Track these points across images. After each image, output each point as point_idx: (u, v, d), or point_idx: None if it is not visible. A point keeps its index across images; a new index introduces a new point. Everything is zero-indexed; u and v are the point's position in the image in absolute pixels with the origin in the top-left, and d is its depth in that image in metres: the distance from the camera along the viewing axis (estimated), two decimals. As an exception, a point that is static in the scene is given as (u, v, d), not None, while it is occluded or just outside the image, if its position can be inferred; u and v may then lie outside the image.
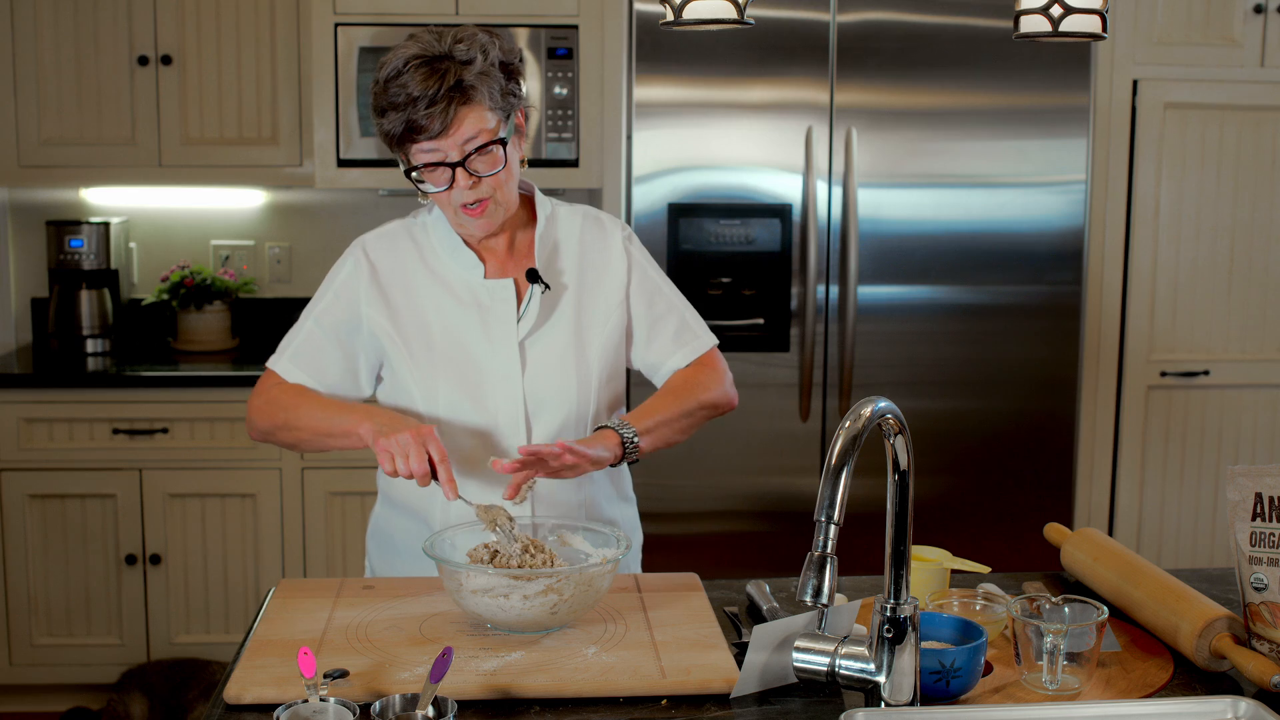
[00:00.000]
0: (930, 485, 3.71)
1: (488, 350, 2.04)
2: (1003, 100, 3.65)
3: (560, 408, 2.05)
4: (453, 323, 2.05)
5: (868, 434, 1.47)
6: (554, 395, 2.05)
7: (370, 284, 2.07)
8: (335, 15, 3.67)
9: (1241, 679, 1.67)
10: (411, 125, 1.91)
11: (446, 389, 2.04)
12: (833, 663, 1.56)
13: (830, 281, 3.65)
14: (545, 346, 2.06)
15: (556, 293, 2.08)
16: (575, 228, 2.13)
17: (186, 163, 3.85)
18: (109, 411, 3.64)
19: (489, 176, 1.96)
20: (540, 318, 2.06)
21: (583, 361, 2.07)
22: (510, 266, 2.09)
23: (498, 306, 2.05)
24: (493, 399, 2.04)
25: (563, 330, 2.07)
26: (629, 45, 3.60)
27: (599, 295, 2.10)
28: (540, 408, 2.05)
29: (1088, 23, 1.80)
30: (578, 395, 2.06)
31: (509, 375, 2.04)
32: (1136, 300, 3.87)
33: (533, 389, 2.04)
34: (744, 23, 1.75)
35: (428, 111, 1.90)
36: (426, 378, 2.04)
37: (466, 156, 1.94)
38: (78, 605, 3.72)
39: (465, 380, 2.04)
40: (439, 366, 2.04)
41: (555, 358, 2.06)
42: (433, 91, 1.89)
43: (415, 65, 1.91)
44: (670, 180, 3.60)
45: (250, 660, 1.67)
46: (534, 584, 1.70)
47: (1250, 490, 1.68)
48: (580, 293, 2.10)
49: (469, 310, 2.05)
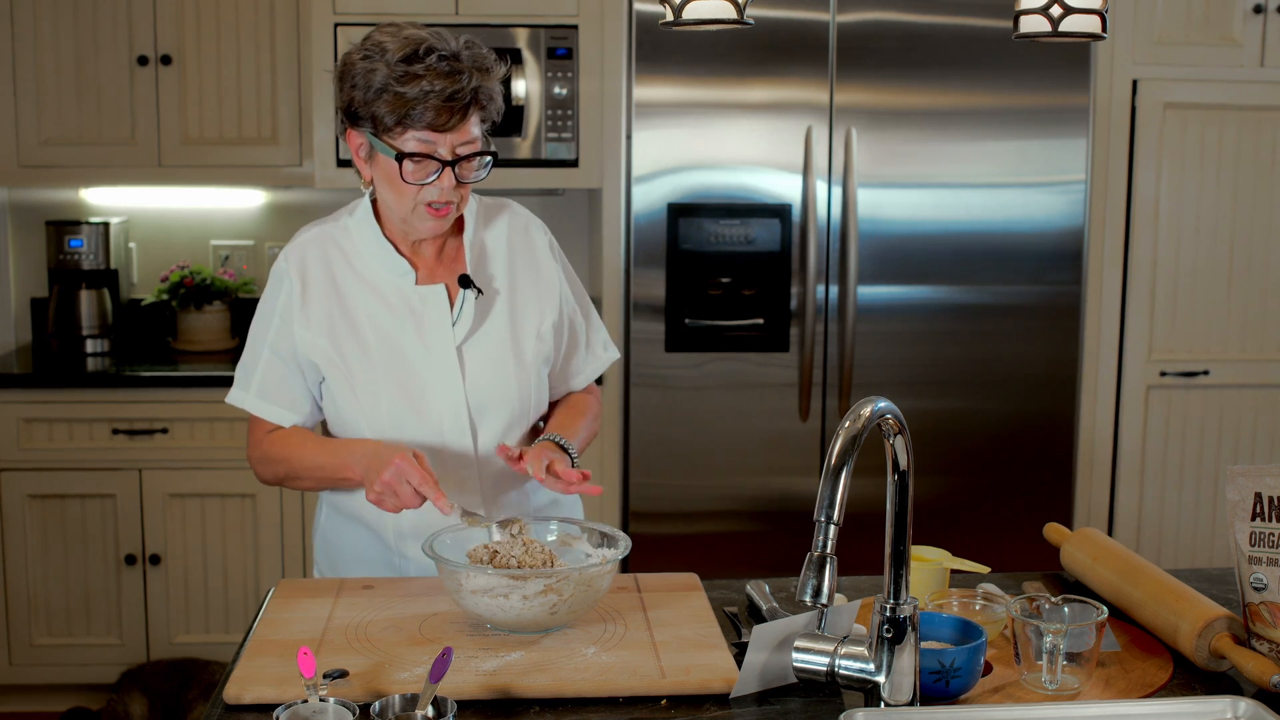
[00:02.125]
0: (930, 485, 3.71)
1: (425, 358, 2.02)
2: (1003, 100, 3.65)
3: (503, 409, 2.05)
4: (388, 331, 2.02)
5: (867, 434, 1.47)
6: (495, 397, 2.04)
7: (301, 303, 2.03)
8: (335, 15, 3.67)
9: (1241, 679, 1.67)
10: (417, 111, 1.88)
11: (388, 401, 2.01)
12: (832, 663, 1.56)
13: (830, 281, 3.65)
14: (482, 350, 2.05)
15: (489, 296, 2.07)
16: (502, 229, 2.12)
17: (186, 163, 3.85)
18: (109, 411, 3.64)
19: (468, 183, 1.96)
20: (475, 321, 2.05)
21: (520, 362, 2.07)
22: (440, 271, 2.07)
23: (431, 312, 2.03)
24: (435, 406, 2.02)
25: (498, 332, 2.06)
26: (629, 45, 3.60)
27: (531, 295, 2.10)
28: (483, 411, 2.04)
29: (1087, 23, 1.80)
30: (518, 396, 2.06)
31: (449, 381, 2.02)
32: (1136, 300, 3.87)
33: (474, 393, 2.03)
34: (744, 23, 1.75)
35: (441, 105, 1.88)
36: (367, 392, 2.01)
37: (458, 160, 1.93)
38: (77, 605, 3.72)
39: (406, 390, 2.02)
40: (378, 378, 2.01)
41: (493, 360, 2.05)
42: (452, 91, 1.88)
43: (437, 56, 1.89)
44: (670, 180, 3.60)
45: (250, 660, 1.67)
46: (533, 584, 1.70)
47: (1250, 490, 1.68)
48: (512, 294, 2.09)
49: (403, 318, 2.03)
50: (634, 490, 3.66)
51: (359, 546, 2.10)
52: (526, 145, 3.71)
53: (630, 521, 3.67)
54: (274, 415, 2.07)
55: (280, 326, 2.04)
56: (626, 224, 3.66)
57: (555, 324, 2.12)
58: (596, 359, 2.22)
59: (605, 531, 1.90)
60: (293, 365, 2.05)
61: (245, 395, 2.09)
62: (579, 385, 2.22)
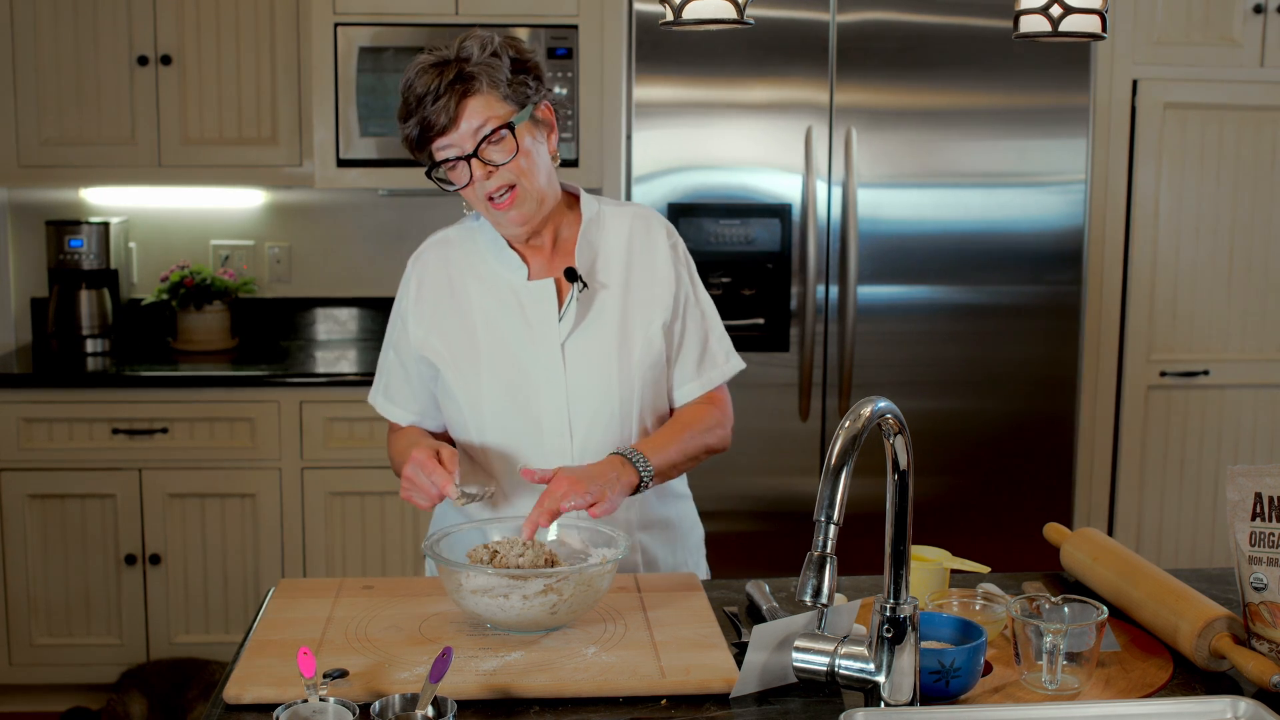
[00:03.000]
0: (930, 485, 3.71)
1: (530, 353, 2.03)
2: (1003, 100, 3.65)
3: (603, 407, 2.03)
4: (497, 326, 2.05)
5: (867, 434, 1.47)
6: (595, 396, 2.03)
7: (416, 302, 2.09)
8: (335, 15, 3.67)
9: (1241, 679, 1.67)
10: (424, 124, 1.94)
11: (491, 396, 2.03)
12: (832, 663, 1.56)
13: (830, 281, 3.65)
14: (587, 346, 2.04)
15: (600, 292, 2.06)
16: (624, 227, 2.11)
17: (186, 163, 3.85)
18: (109, 411, 3.64)
19: (505, 164, 1.96)
20: (581, 318, 2.04)
21: (625, 362, 2.04)
22: (554, 268, 2.08)
23: (539, 307, 2.04)
24: (536, 401, 2.03)
25: (605, 330, 2.05)
26: (629, 45, 3.60)
27: (645, 295, 2.08)
28: (582, 408, 2.03)
29: (1087, 23, 1.80)
30: (619, 396, 2.04)
31: (552, 377, 2.03)
32: (1136, 300, 3.87)
33: (575, 390, 2.03)
34: (744, 23, 1.75)
35: (434, 107, 1.92)
36: (472, 386, 2.04)
37: (479, 146, 1.94)
38: (77, 605, 3.72)
39: (509, 384, 2.03)
40: (483, 372, 2.03)
41: (597, 358, 2.04)
42: (435, 86, 1.92)
43: (423, 69, 1.95)
44: (670, 180, 3.60)
45: (250, 660, 1.67)
46: (533, 584, 1.70)
47: (1250, 490, 1.68)
48: (626, 292, 2.07)
49: (512, 313, 2.05)
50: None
51: None
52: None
53: (630, 521, 3.66)
54: (394, 415, 2.16)
55: (400, 328, 2.11)
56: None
57: (665, 324, 2.08)
58: (717, 367, 2.15)
59: (605, 531, 1.90)
60: (411, 366, 2.10)
61: (376, 395, 2.19)
62: (695, 393, 2.14)
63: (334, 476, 3.68)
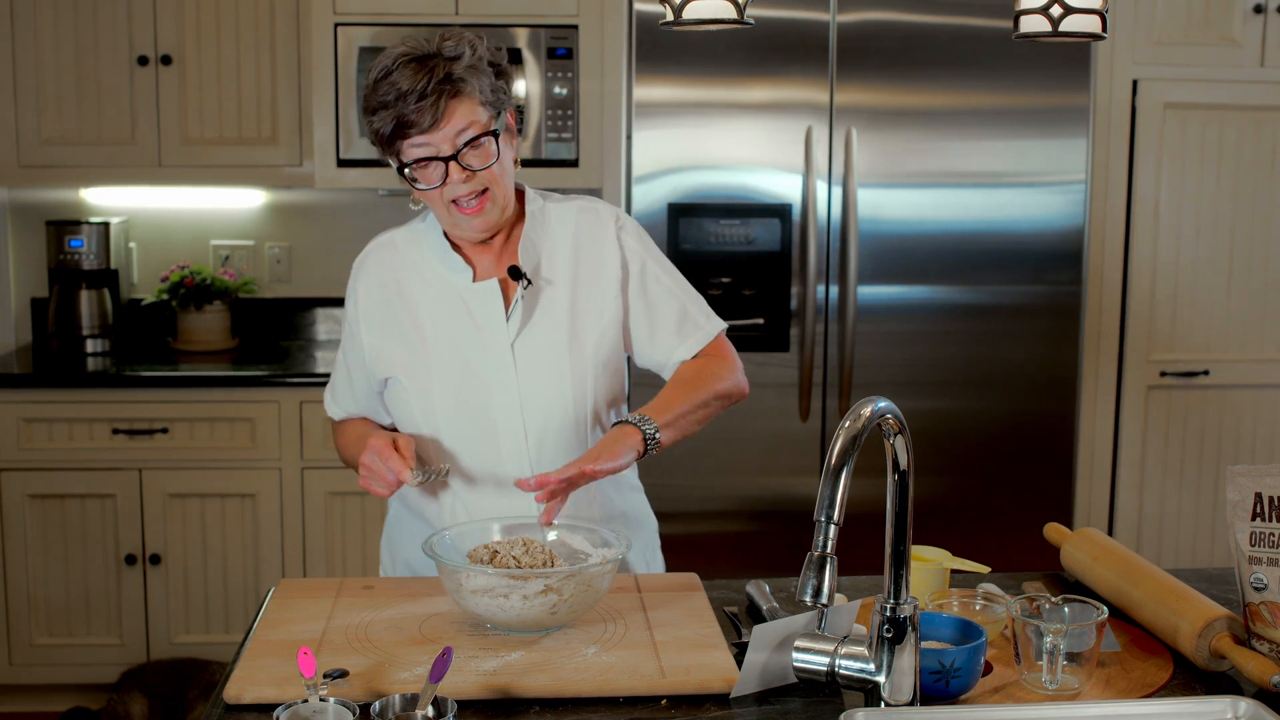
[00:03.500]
0: (930, 485, 3.71)
1: (480, 355, 2.03)
2: (1003, 100, 3.65)
3: (556, 406, 2.03)
4: (445, 330, 2.04)
5: (867, 434, 1.47)
6: (549, 394, 2.03)
7: (365, 309, 2.09)
8: (335, 15, 3.67)
9: (1241, 679, 1.67)
10: (402, 121, 1.91)
11: (443, 399, 2.03)
12: (832, 663, 1.56)
13: (830, 281, 3.65)
14: (536, 345, 2.03)
15: (546, 289, 2.05)
16: (569, 222, 2.10)
17: (186, 163, 3.85)
18: (109, 411, 3.64)
19: (483, 170, 1.95)
20: (529, 316, 2.04)
21: (577, 358, 2.04)
22: (500, 267, 2.07)
23: (485, 309, 2.03)
24: (489, 403, 2.02)
25: (555, 327, 2.04)
26: (629, 45, 3.60)
27: (594, 289, 2.07)
28: (535, 407, 2.03)
29: (1088, 23, 1.80)
30: (573, 392, 2.04)
31: (503, 378, 2.02)
32: (1136, 300, 3.87)
33: (527, 389, 2.02)
34: (744, 23, 1.75)
35: (418, 105, 1.89)
36: (424, 391, 2.04)
37: (459, 150, 1.93)
38: (77, 605, 3.72)
39: (461, 387, 2.03)
40: (435, 377, 2.03)
41: (547, 356, 2.03)
42: (422, 85, 1.89)
43: (404, 62, 1.92)
44: (670, 180, 3.60)
45: (250, 660, 1.67)
46: (533, 584, 1.70)
47: (1250, 490, 1.68)
48: (575, 287, 2.06)
49: (460, 316, 2.04)
50: (634, 490, 3.66)
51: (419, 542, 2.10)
52: (527, 145, 3.71)
53: (630, 521, 3.67)
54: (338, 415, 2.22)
55: (351, 336, 2.13)
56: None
57: (618, 316, 2.07)
58: (700, 329, 2.11)
59: (605, 531, 1.90)
60: (357, 373, 2.12)
61: (327, 395, 2.24)
62: (684, 355, 2.10)
63: (334, 476, 3.68)
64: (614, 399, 2.12)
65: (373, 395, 2.14)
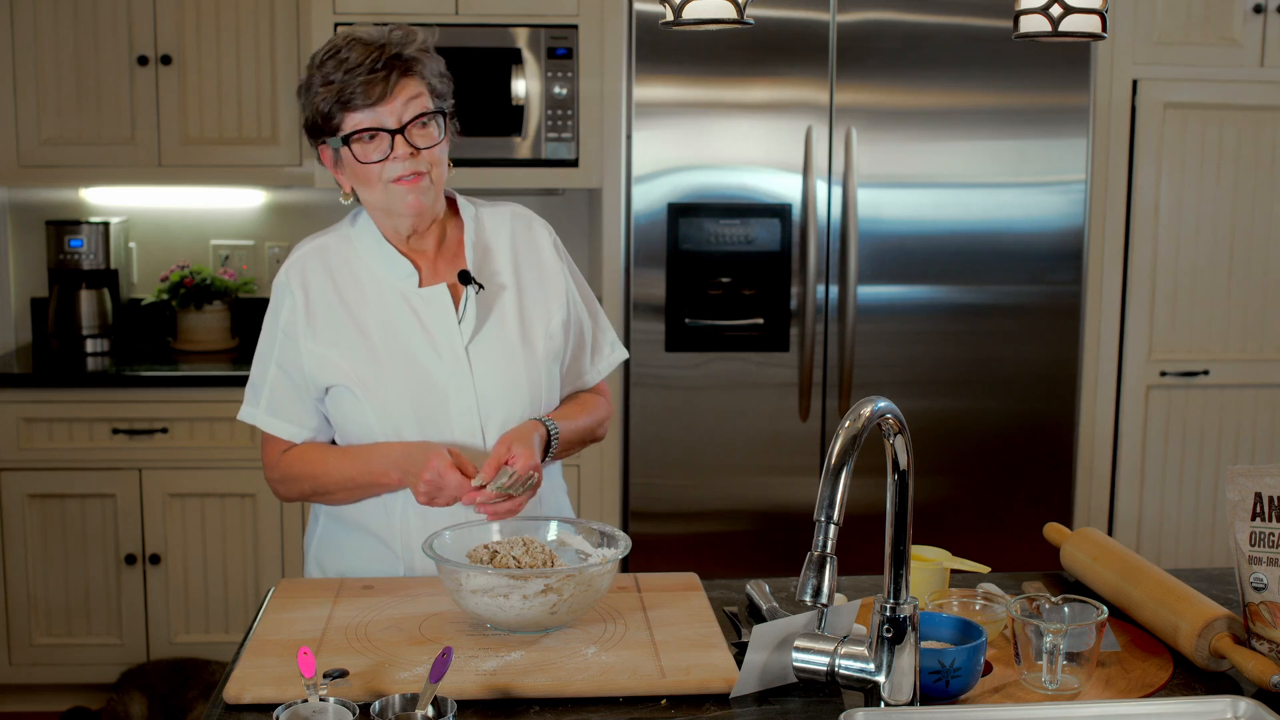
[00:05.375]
0: (930, 485, 3.71)
1: (435, 360, 2.01)
2: (1003, 100, 3.65)
3: (513, 408, 2.03)
4: (396, 336, 2.01)
5: (867, 434, 1.47)
6: (505, 396, 2.02)
7: (305, 318, 2.02)
8: (335, 15, 3.67)
9: (1241, 679, 1.67)
10: (347, 93, 1.91)
11: (399, 405, 1.99)
12: (832, 663, 1.56)
13: (830, 281, 3.65)
14: (490, 348, 2.03)
15: (495, 293, 2.06)
16: (505, 227, 2.12)
17: (186, 163, 3.85)
18: (109, 411, 3.64)
19: (426, 149, 1.95)
20: (481, 320, 2.04)
21: (531, 359, 2.05)
22: (443, 271, 2.06)
23: (436, 313, 2.02)
24: (446, 408, 2.01)
25: (507, 330, 2.05)
26: (629, 45, 3.60)
27: (538, 293, 2.09)
28: (493, 410, 2.02)
29: (1087, 23, 1.80)
30: (529, 394, 2.04)
31: (459, 382, 2.01)
32: (1136, 300, 3.87)
33: (484, 392, 2.02)
34: (744, 23, 1.75)
35: (368, 78, 1.91)
36: (378, 398, 1.99)
37: (406, 126, 1.93)
38: (77, 605, 3.72)
39: (416, 394, 2.00)
40: (389, 384, 2.00)
41: (502, 358, 2.03)
42: (372, 59, 1.91)
43: (354, 43, 1.94)
44: (670, 180, 3.60)
45: (250, 660, 1.67)
46: (533, 584, 1.70)
47: (1250, 490, 1.68)
48: (519, 291, 2.08)
49: (408, 321, 2.02)
50: (634, 490, 3.66)
51: (362, 557, 2.08)
52: (526, 145, 3.71)
53: (630, 521, 3.67)
54: (285, 431, 2.06)
55: (285, 343, 2.03)
56: (626, 224, 3.66)
57: (564, 321, 2.10)
58: (604, 358, 2.22)
59: (605, 531, 1.90)
60: (300, 381, 2.03)
61: (255, 412, 2.07)
62: (588, 384, 2.21)
63: (334, 476, 3.68)
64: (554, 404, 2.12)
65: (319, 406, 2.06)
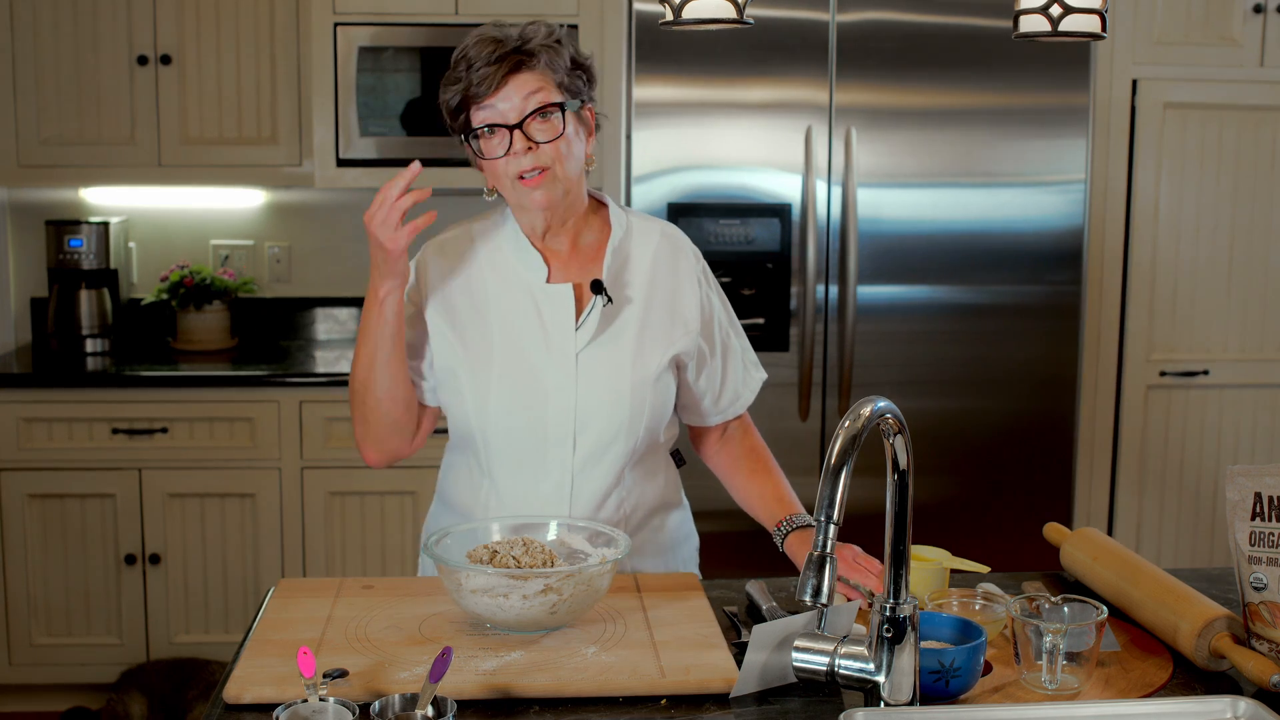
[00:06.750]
0: (930, 485, 3.71)
1: (544, 358, 2.00)
2: (1003, 100, 3.65)
3: (610, 424, 2.00)
4: (512, 327, 2.02)
5: (867, 434, 1.47)
6: (605, 411, 2.00)
7: (435, 291, 2.04)
8: (335, 15, 3.67)
9: (1241, 679, 1.67)
10: (469, 87, 1.92)
11: (499, 395, 2.00)
12: (832, 662, 1.56)
13: (830, 281, 3.65)
14: (601, 359, 2.01)
15: (620, 306, 2.03)
16: (650, 244, 2.09)
17: (186, 162, 3.85)
18: (108, 411, 3.64)
19: (547, 144, 1.93)
20: (601, 330, 2.01)
21: (639, 380, 2.02)
22: (573, 271, 2.04)
23: (555, 312, 2.01)
24: (544, 408, 2.00)
25: (622, 346, 2.02)
26: (629, 45, 3.60)
27: (665, 318, 2.06)
28: (590, 420, 2.00)
29: (1087, 22, 1.80)
30: (629, 414, 2.01)
31: (563, 385, 2.00)
32: (1136, 300, 3.87)
33: (585, 401, 2.00)
34: (744, 23, 1.75)
35: (484, 71, 1.90)
36: (481, 383, 2.01)
37: (524, 120, 1.92)
38: (77, 605, 3.72)
39: (518, 388, 2.00)
40: (494, 371, 2.00)
41: (610, 372, 2.01)
42: (489, 53, 1.91)
43: (482, 38, 1.94)
44: (670, 180, 3.60)
45: (249, 660, 1.67)
46: (533, 584, 1.69)
47: (1250, 490, 1.68)
48: (647, 311, 2.05)
49: (528, 315, 2.01)
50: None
51: None
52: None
53: (630, 521, 3.66)
54: None
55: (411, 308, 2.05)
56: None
57: (685, 350, 2.07)
58: (751, 379, 2.23)
59: (605, 531, 1.90)
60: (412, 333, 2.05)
61: None
62: (739, 409, 2.21)
63: (334, 476, 3.68)
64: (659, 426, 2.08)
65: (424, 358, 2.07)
